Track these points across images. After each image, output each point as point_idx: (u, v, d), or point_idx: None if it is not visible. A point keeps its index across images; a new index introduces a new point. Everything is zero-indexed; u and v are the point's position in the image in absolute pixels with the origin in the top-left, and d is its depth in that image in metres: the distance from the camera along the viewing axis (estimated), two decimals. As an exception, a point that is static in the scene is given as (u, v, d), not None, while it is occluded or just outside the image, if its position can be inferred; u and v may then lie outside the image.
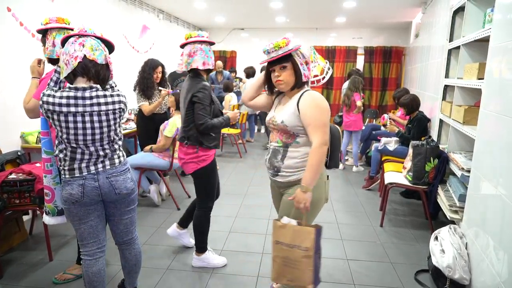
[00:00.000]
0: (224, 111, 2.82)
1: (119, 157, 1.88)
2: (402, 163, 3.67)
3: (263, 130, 8.41)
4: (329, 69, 8.78)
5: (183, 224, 2.80)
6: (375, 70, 8.11)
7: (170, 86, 4.17)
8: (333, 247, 2.95)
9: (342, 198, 4.16)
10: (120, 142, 1.90)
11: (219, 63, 6.91)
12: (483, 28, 2.54)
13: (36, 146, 3.32)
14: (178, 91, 3.62)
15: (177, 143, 3.56)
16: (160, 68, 3.78)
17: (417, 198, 3.95)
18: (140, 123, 3.89)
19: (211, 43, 2.49)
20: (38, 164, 2.78)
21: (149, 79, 3.70)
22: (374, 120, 6.57)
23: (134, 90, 3.81)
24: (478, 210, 2.27)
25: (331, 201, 4.00)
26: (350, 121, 5.13)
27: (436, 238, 2.50)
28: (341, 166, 5.35)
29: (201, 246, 2.58)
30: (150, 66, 3.72)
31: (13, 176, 2.56)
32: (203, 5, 5.93)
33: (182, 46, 2.48)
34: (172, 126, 3.45)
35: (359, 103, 5.03)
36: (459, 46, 3.14)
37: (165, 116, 3.90)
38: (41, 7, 3.57)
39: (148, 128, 3.83)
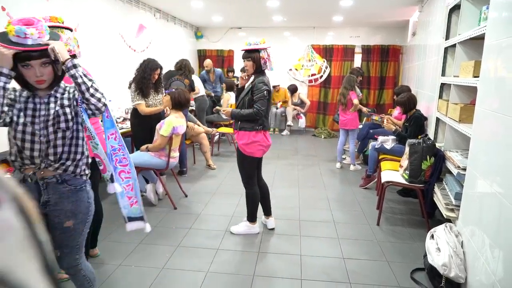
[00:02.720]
0: (221, 108, 3.11)
1: None
2: (399, 161, 3.66)
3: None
4: (326, 67, 8.83)
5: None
6: (372, 69, 8.10)
7: (164, 85, 4.19)
8: (330, 246, 2.95)
9: (339, 197, 4.15)
10: None
11: (209, 61, 6.99)
12: (478, 26, 2.54)
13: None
14: (173, 90, 3.61)
15: (173, 142, 3.56)
16: (159, 70, 3.85)
17: (414, 196, 3.94)
18: (134, 122, 3.89)
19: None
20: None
21: (148, 79, 3.76)
22: (372, 119, 6.57)
23: (129, 87, 3.81)
24: (473, 209, 2.27)
25: (328, 200, 4.00)
26: (346, 119, 5.14)
27: (432, 236, 2.50)
28: (338, 165, 5.35)
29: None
30: (152, 68, 3.78)
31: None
32: (200, 4, 5.91)
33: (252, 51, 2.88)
34: (168, 125, 3.44)
35: (355, 101, 5.03)
36: (455, 44, 3.13)
37: (160, 115, 3.89)
38: (36, 6, 3.55)
39: (143, 127, 3.83)
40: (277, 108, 8.06)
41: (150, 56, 3.97)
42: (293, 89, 7.99)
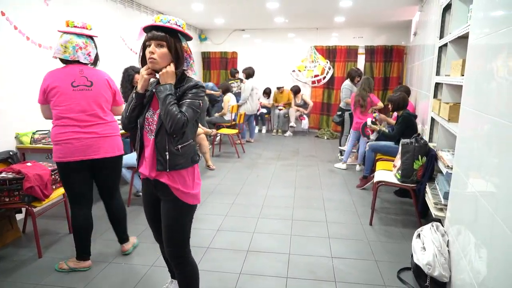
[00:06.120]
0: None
1: None
2: (394, 161, 3.65)
3: (264, 131, 8.43)
4: (329, 68, 8.81)
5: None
6: (376, 70, 8.06)
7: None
8: (319, 245, 2.96)
9: (335, 197, 4.15)
10: None
11: None
12: (465, 25, 2.53)
13: (30, 146, 3.40)
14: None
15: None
16: (137, 75, 3.85)
17: (411, 197, 3.92)
18: None
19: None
20: (29, 163, 2.84)
21: (126, 92, 3.80)
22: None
23: None
24: (459, 208, 2.25)
25: (323, 200, 4.00)
26: (364, 122, 5.06)
27: (419, 235, 2.49)
28: (344, 166, 5.32)
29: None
30: (127, 80, 3.82)
31: (3, 174, 2.63)
32: (200, 7, 5.98)
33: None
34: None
35: (380, 103, 5.09)
36: (447, 43, 3.12)
37: None
38: (36, 10, 3.65)
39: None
40: (279, 110, 8.09)
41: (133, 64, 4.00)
42: (296, 90, 8.00)
